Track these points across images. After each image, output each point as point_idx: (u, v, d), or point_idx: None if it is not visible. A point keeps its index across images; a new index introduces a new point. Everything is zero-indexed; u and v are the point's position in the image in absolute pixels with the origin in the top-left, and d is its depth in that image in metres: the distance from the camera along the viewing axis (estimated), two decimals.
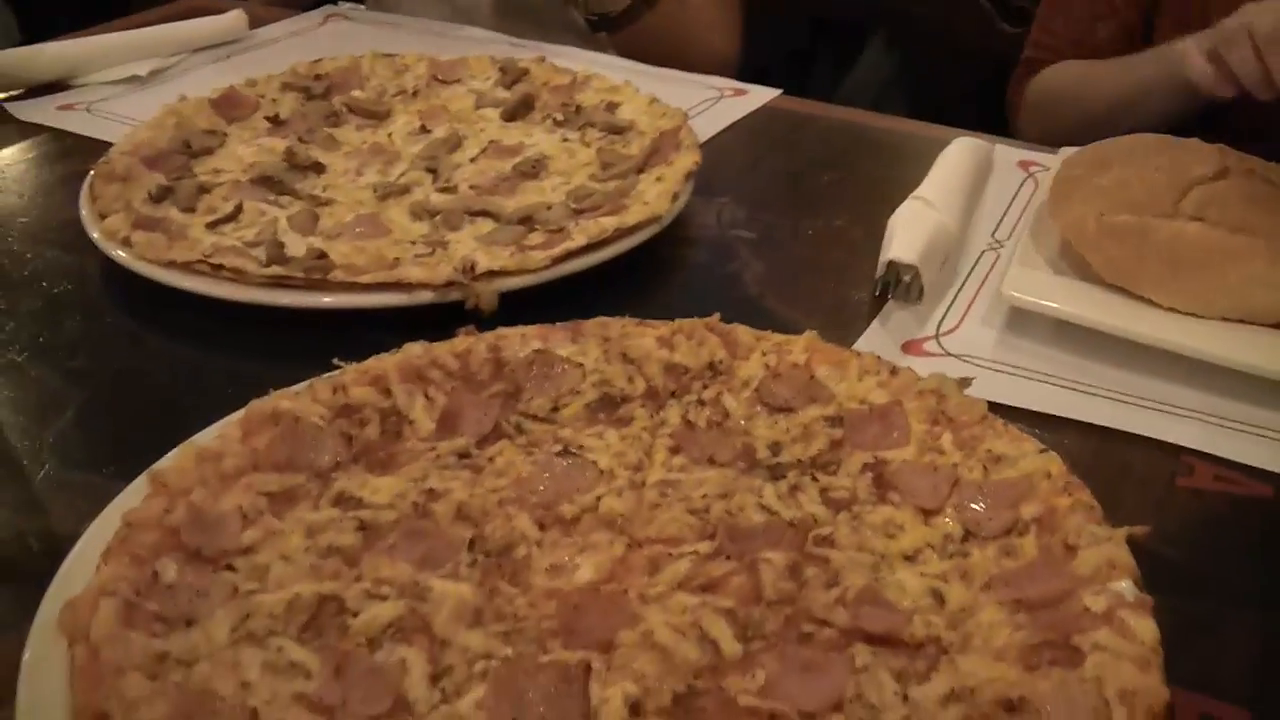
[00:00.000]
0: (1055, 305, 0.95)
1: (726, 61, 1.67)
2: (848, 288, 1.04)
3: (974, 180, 1.17)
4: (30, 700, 0.57)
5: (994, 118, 1.64)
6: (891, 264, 0.99)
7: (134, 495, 0.69)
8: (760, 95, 1.48)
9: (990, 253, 1.10)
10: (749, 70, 1.61)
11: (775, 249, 1.11)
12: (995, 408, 0.79)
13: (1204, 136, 1.07)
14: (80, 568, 0.64)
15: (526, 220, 1.04)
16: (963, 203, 1.11)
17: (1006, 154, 1.29)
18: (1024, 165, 1.27)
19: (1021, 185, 1.23)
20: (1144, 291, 0.95)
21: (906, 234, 1.01)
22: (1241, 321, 0.94)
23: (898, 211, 1.06)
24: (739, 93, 1.49)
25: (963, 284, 1.04)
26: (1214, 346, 0.90)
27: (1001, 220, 1.16)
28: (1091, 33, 1.59)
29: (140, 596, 0.62)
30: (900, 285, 1.00)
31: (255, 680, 0.59)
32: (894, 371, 0.82)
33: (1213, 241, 0.95)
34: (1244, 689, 0.65)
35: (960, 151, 1.20)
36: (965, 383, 0.81)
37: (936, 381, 0.81)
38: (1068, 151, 1.16)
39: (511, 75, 1.35)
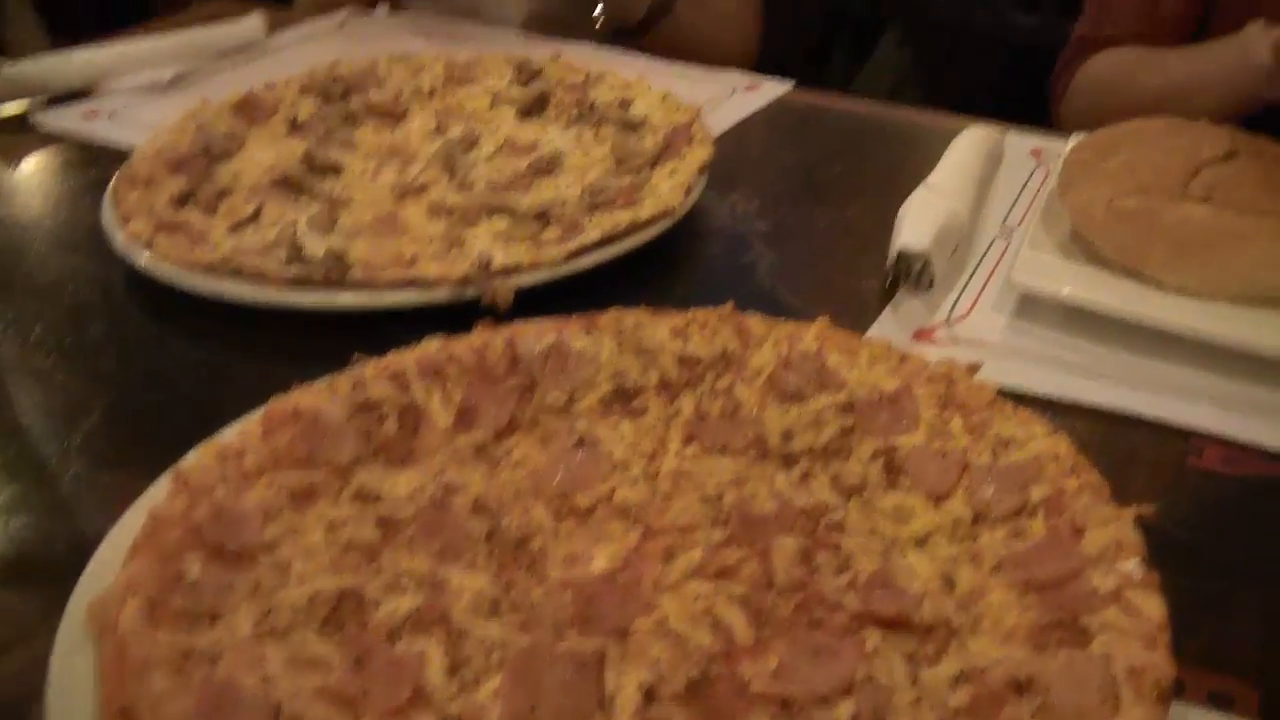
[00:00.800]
0: (1064, 290, 0.95)
1: (746, 58, 1.67)
2: (860, 277, 1.04)
3: (985, 168, 1.17)
4: (59, 697, 0.59)
5: (1011, 108, 1.63)
6: (902, 253, 1.00)
7: (158, 494, 0.70)
8: (773, 89, 1.49)
9: (1001, 240, 1.10)
10: (766, 65, 1.61)
11: (788, 240, 1.12)
12: (1005, 394, 0.79)
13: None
14: (106, 566, 0.65)
15: (542, 216, 1.05)
16: (973, 190, 1.11)
17: (1017, 142, 1.29)
18: (1035, 153, 1.28)
19: (1033, 173, 1.23)
20: (1152, 273, 0.95)
21: (917, 223, 1.02)
22: (1252, 303, 0.93)
23: (908, 200, 1.06)
24: (752, 87, 1.49)
25: (974, 271, 1.05)
26: (1223, 329, 0.90)
27: (1012, 207, 1.16)
28: (1156, 7, 1.54)
29: (165, 593, 0.63)
30: (911, 274, 1.00)
31: (278, 674, 0.60)
32: (903, 358, 0.83)
33: (1221, 223, 0.95)
34: (1252, 665, 0.66)
35: (971, 140, 1.20)
36: (974, 368, 0.82)
37: (946, 367, 0.81)
38: (1079, 137, 1.16)
39: (526, 73, 1.36)
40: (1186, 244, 0.95)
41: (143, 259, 0.98)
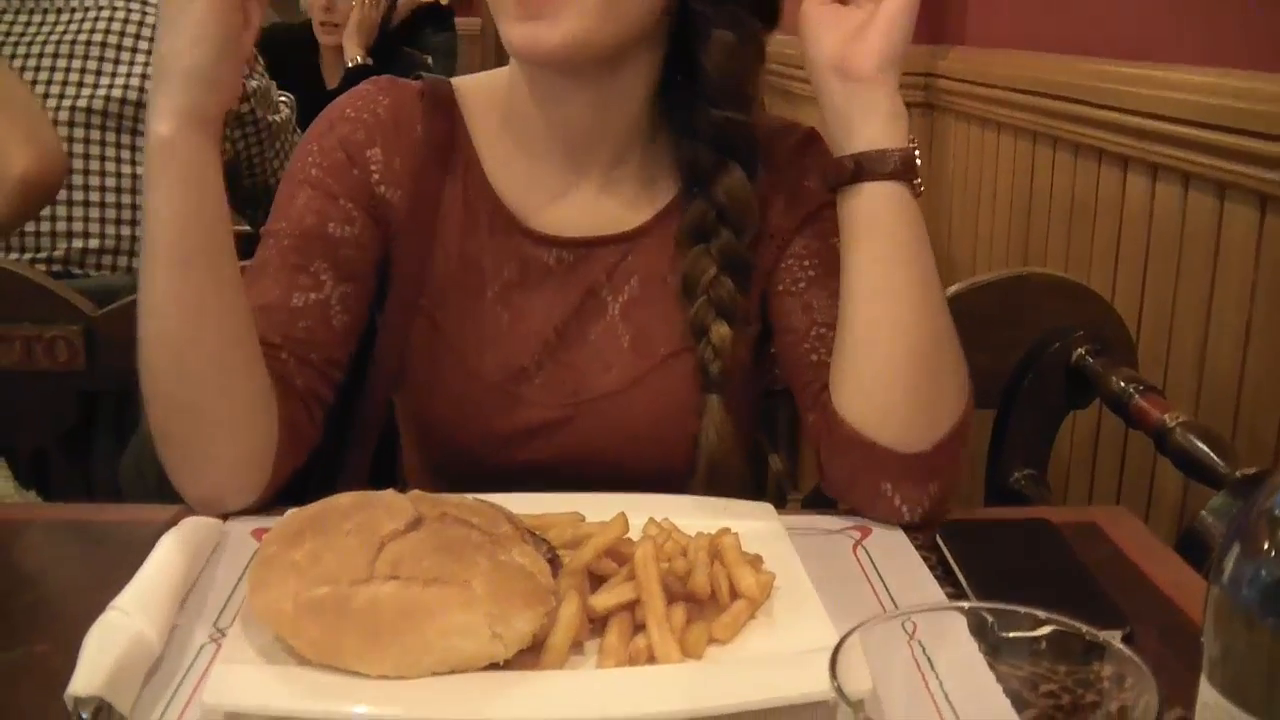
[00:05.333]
0: (257, 701, 0.89)
1: None
2: None
3: (189, 566, 1.10)
4: None
5: None
6: (75, 698, 0.89)
7: None
8: None
9: (212, 645, 1.03)
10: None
11: None
12: None
13: None
14: None
15: None
16: (168, 599, 1.03)
17: (239, 527, 1.24)
18: (257, 534, 1.22)
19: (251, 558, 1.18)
20: (350, 666, 0.91)
21: (92, 658, 0.92)
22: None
23: (92, 629, 0.96)
24: None
25: (175, 693, 0.96)
26: (426, 711, 0.89)
27: (226, 605, 1.10)
28: None
29: None
30: (97, 716, 0.89)
31: None
32: None
33: (408, 600, 0.93)
34: None
35: (176, 537, 1.13)
36: None
37: None
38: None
39: None
40: (378, 627, 0.92)
41: None
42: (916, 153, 1.26)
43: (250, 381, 1.25)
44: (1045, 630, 0.70)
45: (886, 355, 1.24)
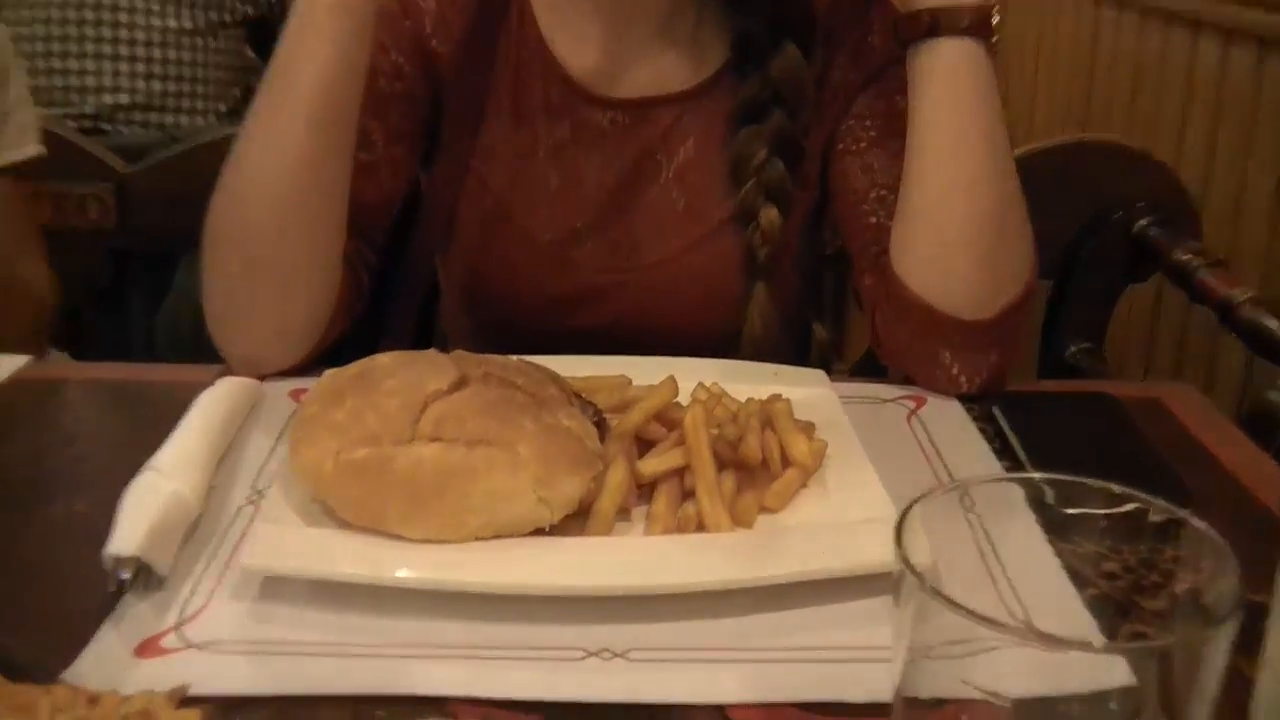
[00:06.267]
0: (298, 565, 0.87)
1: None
2: (80, 588, 0.90)
3: (225, 427, 1.08)
4: None
5: None
6: (114, 558, 0.87)
7: None
8: (7, 364, 1.31)
9: (250, 507, 1.01)
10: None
11: None
12: (241, 700, 0.70)
13: None
14: None
15: None
16: (206, 460, 1.01)
17: (276, 388, 1.22)
18: (295, 395, 1.20)
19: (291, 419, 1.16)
20: (391, 529, 0.90)
21: (130, 518, 0.90)
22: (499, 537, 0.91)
23: (129, 488, 0.94)
24: None
25: (214, 554, 0.94)
26: (469, 574, 0.87)
27: (264, 466, 1.08)
28: None
29: None
30: (132, 578, 0.88)
31: None
32: (94, 699, 0.70)
33: (452, 462, 0.91)
34: None
35: (214, 397, 1.11)
36: (179, 692, 0.71)
37: (144, 701, 0.70)
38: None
39: None
40: (420, 490, 0.90)
41: None
42: (995, 8, 1.20)
43: (333, 245, 1.23)
44: (1112, 508, 0.66)
45: (953, 218, 1.19)
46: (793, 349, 1.48)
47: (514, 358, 1.06)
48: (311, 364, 1.26)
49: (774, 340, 1.35)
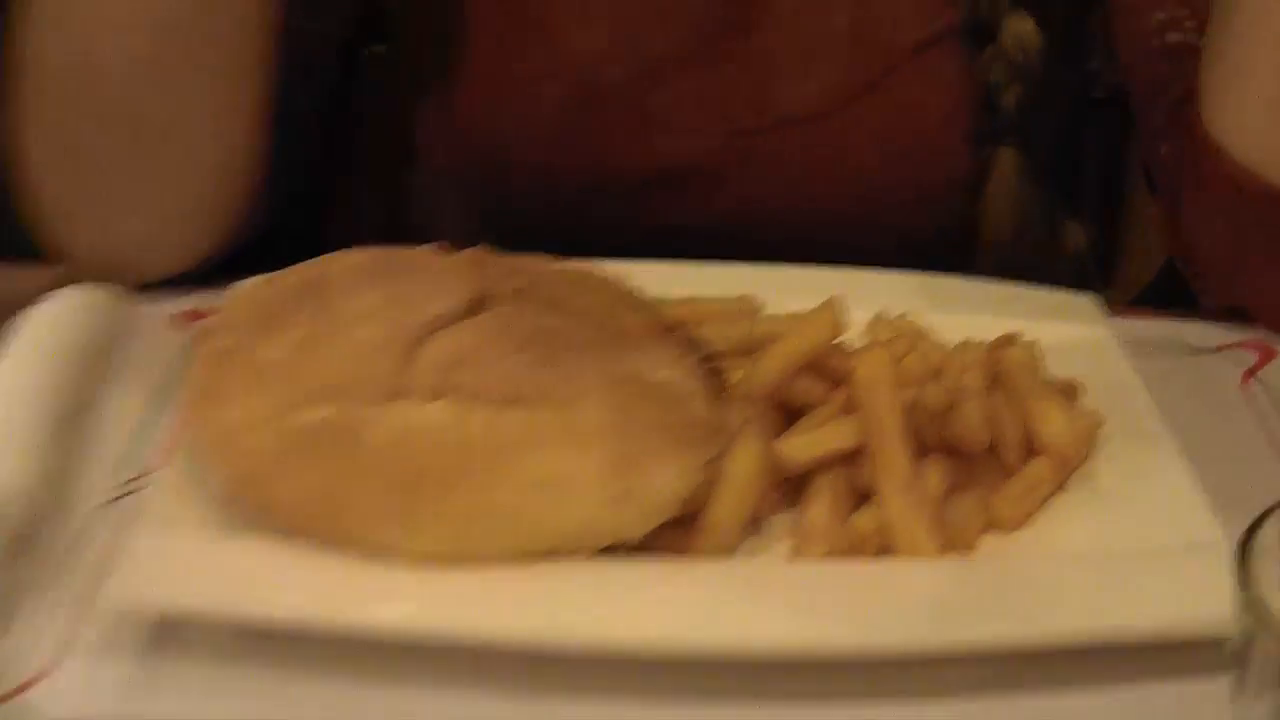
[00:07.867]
0: (208, 600, 0.58)
1: None
2: None
3: (68, 371, 0.75)
4: None
5: None
6: None
7: None
8: None
9: (119, 505, 0.68)
10: None
11: None
12: None
13: None
14: None
15: None
16: (33, 428, 0.70)
17: (155, 310, 0.85)
18: (189, 318, 0.84)
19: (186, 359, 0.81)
20: (366, 539, 0.60)
21: None
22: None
23: None
24: None
25: (58, 583, 0.63)
26: (499, 620, 0.57)
27: (141, 437, 0.73)
28: None
29: None
30: None
31: None
32: None
33: (467, 434, 0.60)
34: None
35: (49, 321, 0.78)
36: None
37: None
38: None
39: None
40: (413, 480, 0.60)
41: None
42: None
43: (249, 72, 0.86)
44: None
45: None
46: (1034, 261, 1.11)
47: (566, 263, 0.74)
48: (216, 268, 0.89)
49: (1024, 244, 1.00)
